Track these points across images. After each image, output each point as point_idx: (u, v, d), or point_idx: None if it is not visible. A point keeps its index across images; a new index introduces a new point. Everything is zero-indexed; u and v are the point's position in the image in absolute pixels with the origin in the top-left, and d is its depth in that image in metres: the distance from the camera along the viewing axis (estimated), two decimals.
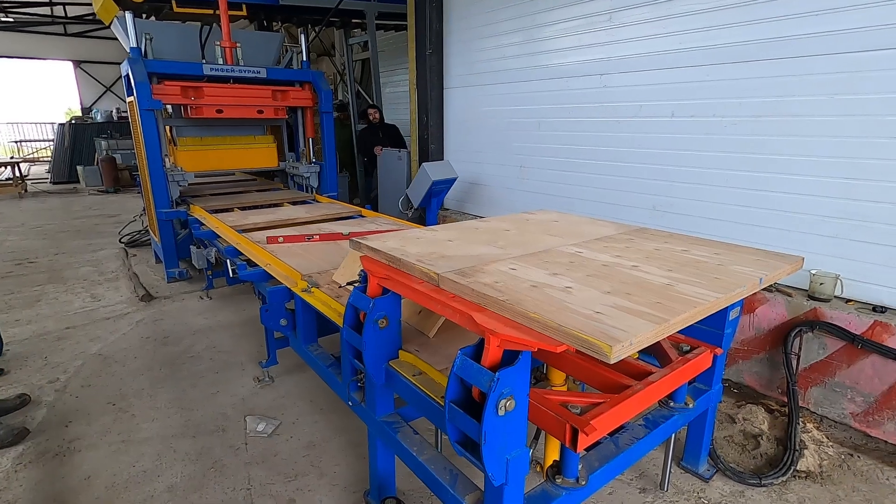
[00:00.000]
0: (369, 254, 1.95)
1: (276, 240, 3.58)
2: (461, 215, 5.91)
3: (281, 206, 5.10)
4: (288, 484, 2.50)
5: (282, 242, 3.56)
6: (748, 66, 3.28)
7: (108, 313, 4.63)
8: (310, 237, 3.64)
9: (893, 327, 2.70)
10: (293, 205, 5.20)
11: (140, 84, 4.68)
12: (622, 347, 1.18)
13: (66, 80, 20.42)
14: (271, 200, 5.32)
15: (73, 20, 17.40)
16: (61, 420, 3.02)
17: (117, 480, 2.52)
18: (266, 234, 3.72)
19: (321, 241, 3.61)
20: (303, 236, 3.65)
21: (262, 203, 5.22)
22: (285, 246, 3.50)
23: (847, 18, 2.83)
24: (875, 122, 2.80)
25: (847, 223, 2.98)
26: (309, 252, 3.36)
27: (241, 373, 3.56)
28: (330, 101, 5.94)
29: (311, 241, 3.61)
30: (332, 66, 11.74)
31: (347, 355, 2.14)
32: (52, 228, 8.20)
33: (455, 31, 5.71)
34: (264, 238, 3.63)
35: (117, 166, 12.41)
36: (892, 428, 2.74)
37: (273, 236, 3.63)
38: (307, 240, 3.62)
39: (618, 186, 4.24)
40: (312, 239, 3.62)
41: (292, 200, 5.39)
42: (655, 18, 3.75)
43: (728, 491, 2.46)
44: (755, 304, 3.21)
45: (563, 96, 4.56)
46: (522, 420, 1.45)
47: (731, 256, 1.96)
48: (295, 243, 3.57)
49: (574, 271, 1.71)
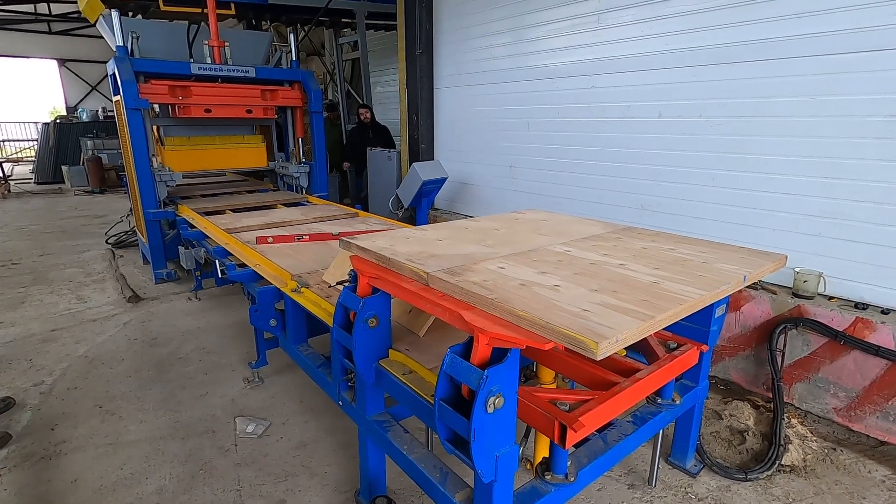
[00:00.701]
0: (359, 253, 1.95)
1: (265, 240, 3.54)
2: (452, 215, 5.92)
3: (274, 209, 5.01)
4: (278, 485, 2.50)
5: (271, 243, 3.52)
6: (733, 67, 3.33)
7: (94, 315, 4.58)
8: (299, 237, 3.61)
9: (874, 323, 2.76)
10: (287, 206, 5.11)
11: (127, 83, 4.63)
12: (608, 344, 1.20)
13: (50, 79, 20.15)
14: (264, 202, 5.22)
15: (57, 18, 17.15)
16: (47, 423, 2.98)
17: (104, 483, 2.50)
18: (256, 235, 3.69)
19: (311, 242, 3.59)
20: (292, 236, 3.61)
21: (255, 205, 5.11)
22: (275, 246, 3.47)
23: (827, 21, 2.89)
24: (854, 123, 2.86)
25: (829, 222, 3.04)
26: (299, 252, 3.34)
27: (231, 374, 3.54)
28: (320, 101, 5.92)
29: (300, 241, 3.58)
30: (321, 65, 11.69)
31: (337, 355, 2.14)
32: (36, 229, 8.08)
33: (445, 31, 5.72)
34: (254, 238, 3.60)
35: (104, 166, 12.26)
36: (873, 422, 2.80)
37: (262, 236, 3.59)
38: (297, 240, 3.59)
39: (606, 186, 4.28)
40: (302, 239, 3.60)
41: (286, 202, 5.28)
42: (642, 20, 3.80)
43: (715, 486, 2.50)
44: (741, 301, 3.26)
45: (553, 97, 4.60)
46: (511, 417, 1.46)
47: (717, 255, 1.99)
48: (285, 243, 3.54)
49: (562, 270, 1.73)
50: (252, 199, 5.43)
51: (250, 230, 3.95)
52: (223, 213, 4.76)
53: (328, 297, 2.44)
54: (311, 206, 5.12)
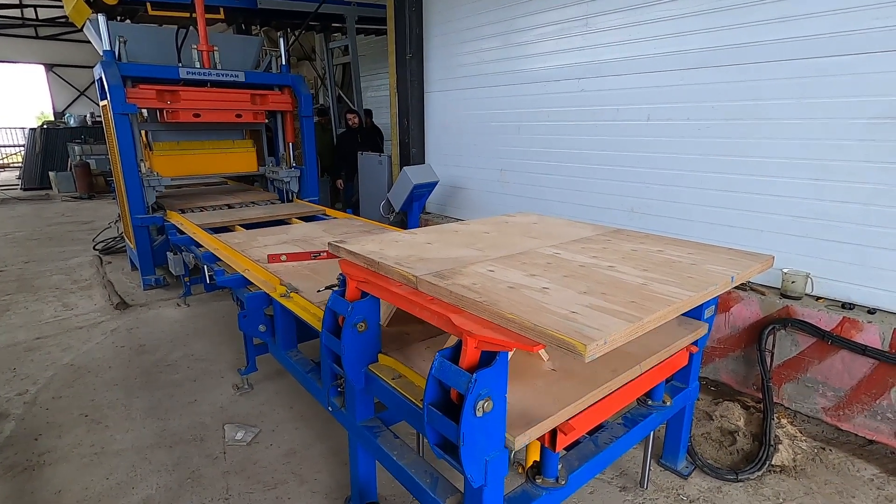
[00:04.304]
0: (347, 257, 1.94)
1: (278, 258, 3.12)
2: (443, 219, 5.92)
3: (290, 223, 4.52)
4: (268, 492, 2.46)
5: (285, 261, 3.12)
6: (719, 70, 3.37)
7: (80, 322, 4.51)
8: (316, 254, 3.18)
9: (861, 323, 2.79)
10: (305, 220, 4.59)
11: (114, 87, 4.59)
12: (597, 346, 1.19)
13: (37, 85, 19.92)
14: (276, 216, 4.71)
15: (44, 23, 16.96)
16: (31, 433, 2.92)
17: (89, 494, 2.45)
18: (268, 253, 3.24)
19: (331, 259, 3.13)
20: (307, 253, 3.20)
21: (267, 219, 4.61)
22: (289, 266, 3.06)
23: (812, 25, 2.93)
24: (840, 125, 2.90)
25: (816, 223, 3.07)
26: (318, 273, 2.94)
27: (220, 381, 3.49)
28: (310, 105, 5.91)
29: (318, 258, 3.17)
30: (312, 70, 11.68)
31: (327, 360, 2.12)
32: (22, 236, 7.96)
33: (435, 36, 5.74)
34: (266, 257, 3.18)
35: (91, 172, 12.12)
36: (861, 421, 2.82)
37: (275, 254, 3.16)
38: (313, 257, 3.18)
39: (596, 189, 4.30)
40: (320, 256, 3.17)
41: (301, 215, 4.78)
42: (630, 24, 3.83)
43: (706, 487, 2.50)
44: (730, 303, 3.28)
45: (543, 100, 4.62)
46: (501, 421, 1.45)
47: (705, 256, 2.00)
48: (300, 262, 3.15)
49: (551, 272, 1.73)
50: (261, 212, 4.94)
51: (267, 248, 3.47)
52: (232, 229, 4.30)
53: (318, 302, 2.42)
54: (333, 221, 4.58)
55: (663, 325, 2.10)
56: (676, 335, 2.13)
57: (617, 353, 1.87)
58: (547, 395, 1.66)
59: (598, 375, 1.78)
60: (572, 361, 1.85)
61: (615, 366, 1.85)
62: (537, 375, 1.79)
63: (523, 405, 1.60)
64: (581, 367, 1.82)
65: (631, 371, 1.85)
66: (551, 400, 1.63)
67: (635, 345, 1.98)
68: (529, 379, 1.77)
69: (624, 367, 1.85)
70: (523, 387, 1.71)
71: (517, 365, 1.80)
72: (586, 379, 1.76)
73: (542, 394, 1.67)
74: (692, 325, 2.23)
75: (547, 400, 1.63)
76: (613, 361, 1.87)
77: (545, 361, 1.87)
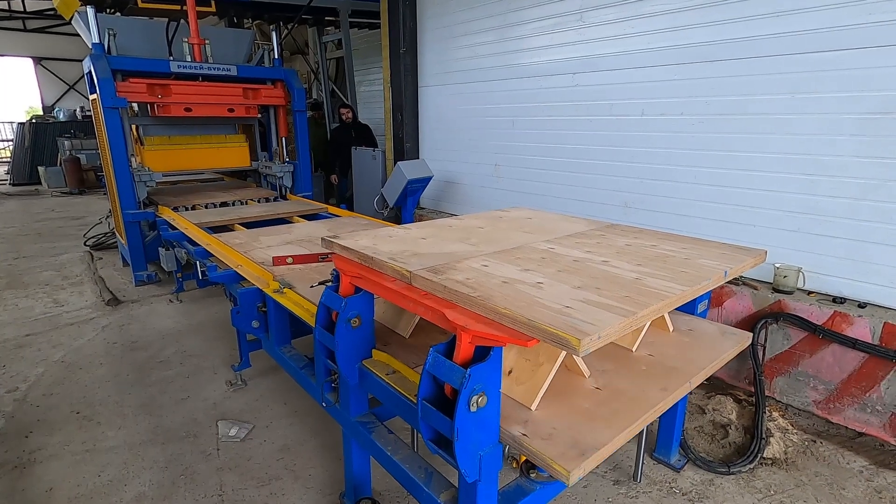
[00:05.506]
0: (341, 252, 1.92)
1: (283, 260, 2.95)
2: (437, 214, 5.90)
3: (292, 222, 4.37)
4: (261, 489, 2.46)
5: (291, 264, 2.94)
6: (713, 65, 3.37)
7: (71, 319, 4.46)
8: (323, 256, 2.99)
9: (851, 317, 2.81)
10: (306, 219, 4.43)
11: (103, 81, 4.52)
12: (590, 341, 1.19)
13: (26, 78, 19.65)
14: (277, 214, 4.57)
15: (32, 15, 16.73)
16: (21, 430, 2.89)
17: (81, 491, 2.43)
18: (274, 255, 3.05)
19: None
20: (315, 255, 3.03)
21: (269, 217, 4.46)
22: (296, 269, 2.87)
23: (805, 20, 2.93)
24: (832, 120, 2.91)
25: (808, 218, 3.09)
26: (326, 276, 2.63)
27: (213, 377, 3.48)
28: (303, 100, 5.86)
29: (325, 261, 2.98)
30: (305, 64, 11.58)
31: (320, 356, 2.11)
32: (10, 232, 7.86)
33: (429, 30, 5.70)
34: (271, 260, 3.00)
35: (82, 167, 11.99)
36: (851, 414, 2.85)
37: (280, 256, 2.98)
38: (321, 259, 3.00)
39: (591, 184, 4.30)
40: (327, 258, 2.96)
41: (303, 213, 4.61)
42: (624, 18, 3.82)
43: (699, 480, 2.52)
44: (723, 297, 3.30)
45: (537, 95, 4.61)
46: (495, 416, 1.45)
47: (698, 251, 2.00)
48: (307, 264, 2.96)
49: (546, 267, 1.73)
50: (262, 209, 4.78)
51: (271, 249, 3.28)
52: (232, 228, 4.15)
53: (311, 297, 2.41)
54: (337, 220, 4.37)
55: (707, 338, 2.13)
56: (722, 348, 2.06)
57: (662, 367, 1.87)
58: (597, 418, 1.56)
59: (647, 394, 1.69)
60: (617, 378, 1.78)
61: (664, 384, 1.76)
62: (582, 395, 1.68)
63: (573, 432, 1.48)
64: (627, 385, 1.74)
65: (682, 389, 1.75)
66: (603, 424, 1.52)
67: (681, 359, 1.93)
68: (574, 399, 1.65)
69: (675, 385, 1.75)
70: (569, 410, 1.59)
71: (558, 384, 1.69)
72: (635, 398, 1.67)
73: (591, 417, 1.57)
74: (737, 335, 2.16)
75: (599, 424, 1.52)
76: (661, 378, 1.79)
77: (586, 378, 1.77)
